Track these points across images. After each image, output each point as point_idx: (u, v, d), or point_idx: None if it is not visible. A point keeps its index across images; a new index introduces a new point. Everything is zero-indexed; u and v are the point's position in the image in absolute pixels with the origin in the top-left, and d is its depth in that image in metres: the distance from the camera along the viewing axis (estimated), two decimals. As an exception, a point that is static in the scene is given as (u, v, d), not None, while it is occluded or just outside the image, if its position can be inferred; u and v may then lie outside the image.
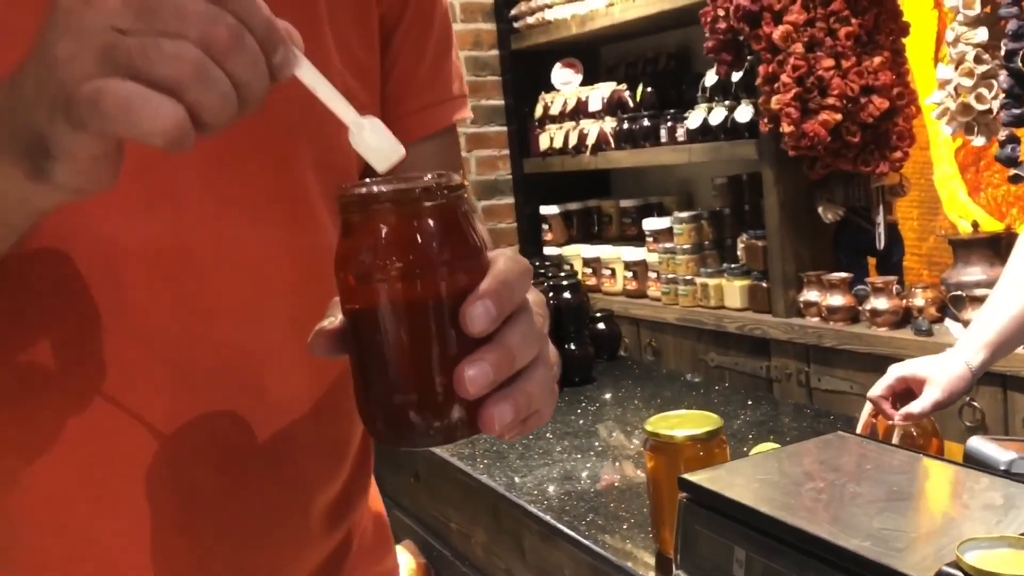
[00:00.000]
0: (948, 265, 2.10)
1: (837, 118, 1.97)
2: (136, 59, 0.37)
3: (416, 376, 0.46)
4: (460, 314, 0.44)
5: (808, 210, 2.22)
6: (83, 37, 0.37)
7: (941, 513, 0.80)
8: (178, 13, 0.37)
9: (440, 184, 0.46)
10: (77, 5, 0.38)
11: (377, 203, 0.46)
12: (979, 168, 2.05)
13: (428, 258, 0.45)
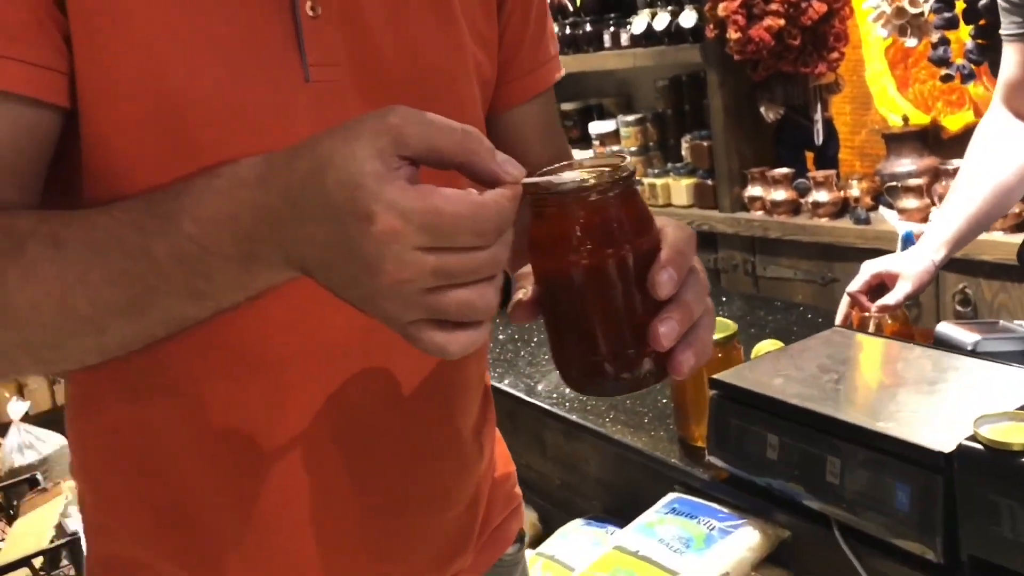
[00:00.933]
0: (880, 157, 2.27)
1: (780, 23, 2.08)
2: (439, 308, 0.47)
3: (612, 336, 0.55)
4: (648, 281, 0.53)
5: (750, 110, 2.36)
6: (404, 297, 0.46)
7: (938, 394, 0.96)
8: (454, 238, 0.46)
9: (621, 171, 0.54)
10: (388, 236, 0.45)
11: (574, 194, 0.53)
12: (907, 65, 2.21)
13: (616, 236, 0.54)
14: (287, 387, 0.65)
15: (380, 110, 0.47)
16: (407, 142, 0.46)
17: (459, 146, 0.48)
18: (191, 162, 0.57)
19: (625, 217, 0.55)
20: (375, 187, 0.45)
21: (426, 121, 0.47)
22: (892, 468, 0.87)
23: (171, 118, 0.58)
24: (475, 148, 0.48)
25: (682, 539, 1.04)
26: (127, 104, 0.57)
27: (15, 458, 2.54)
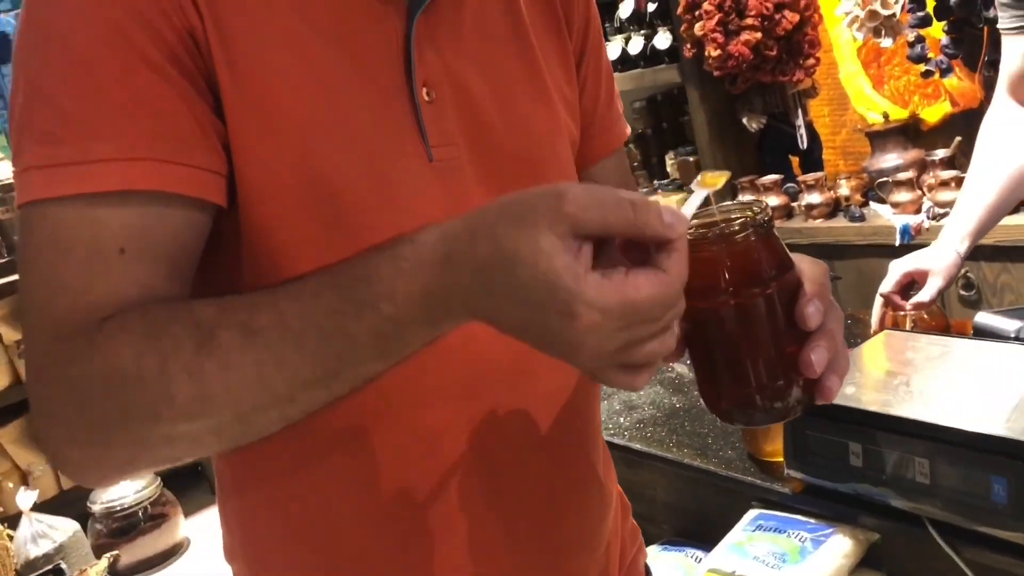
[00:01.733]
0: (862, 154, 2.35)
1: (757, 36, 2.15)
2: (629, 361, 0.52)
3: (762, 369, 0.59)
4: (797, 314, 0.58)
5: (732, 122, 2.42)
6: (599, 359, 0.52)
7: (1009, 383, 1.00)
8: (648, 320, 0.51)
9: (762, 215, 0.59)
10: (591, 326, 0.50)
11: (720, 239, 0.57)
12: (880, 64, 2.28)
13: (761, 275, 0.58)
14: (439, 441, 0.68)
15: (550, 192, 0.51)
16: (585, 228, 0.50)
17: (631, 224, 0.51)
18: (346, 241, 0.62)
19: (768, 257, 0.59)
20: (573, 286, 0.49)
21: (598, 204, 0.50)
22: (985, 463, 0.91)
23: (326, 204, 0.62)
24: (645, 220, 0.51)
25: (776, 554, 1.07)
26: (284, 195, 0.62)
27: (30, 549, 2.50)
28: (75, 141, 0.57)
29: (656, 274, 0.50)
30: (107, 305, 0.57)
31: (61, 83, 0.58)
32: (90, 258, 0.57)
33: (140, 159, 0.57)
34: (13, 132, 0.60)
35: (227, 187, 0.62)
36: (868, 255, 2.16)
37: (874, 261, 2.14)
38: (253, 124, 0.62)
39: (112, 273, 0.57)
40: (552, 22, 0.80)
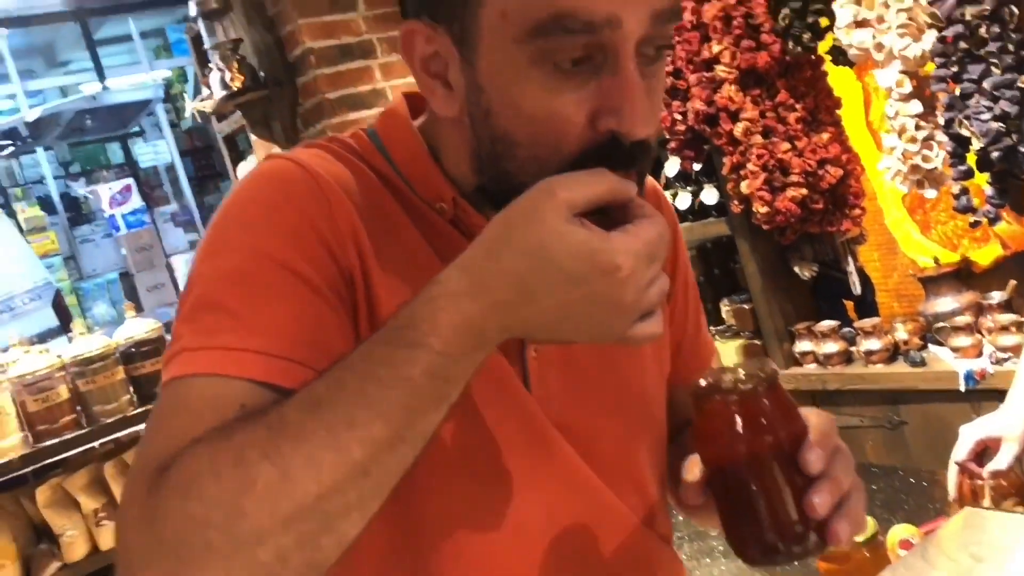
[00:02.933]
0: (916, 296, 2.38)
1: (803, 192, 2.22)
2: (650, 306, 0.61)
3: (779, 514, 0.64)
4: (800, 460, 0.63)
5: (784, 270, 2.47)
6: (632, 311, 0.61)
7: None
8: (659, 257, 0.61)
9: (768, 372, 0.65)
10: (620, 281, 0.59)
11: (731, 393, 0.65)
12: (926, 210, 2.34)
13: (770, 425, 0.64)
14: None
15: (540, 189, 0.60)
16: (576, 205, 0.59)
17: (608, 187, 0.61)
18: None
19: (775, 409, 0.66)
20: (606, 245, 0.58)
21: (582, 183, 0.60)
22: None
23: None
24: (616, 185, 0.61)
25: None
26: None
27: None
28: (234, 332, 0.63)
29: (648, 220, 0.61)
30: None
31: (230, 291, 0.65)
32: (206, 409, 0.61)
33: (287, 359, 0.63)
34: (175, 325, 0.66)
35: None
36: (933, 400, 2.16)
37: (940, 406, 2.14)
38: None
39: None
40: None
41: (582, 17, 0.62)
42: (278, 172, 0.70)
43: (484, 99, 0.68)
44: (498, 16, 0.65)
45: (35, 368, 2.57)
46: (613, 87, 0.65)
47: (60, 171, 9.94)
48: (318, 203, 0.68)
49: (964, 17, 1.86)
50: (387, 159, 0.76)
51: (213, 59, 3.02)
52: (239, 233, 0.68)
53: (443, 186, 0.74)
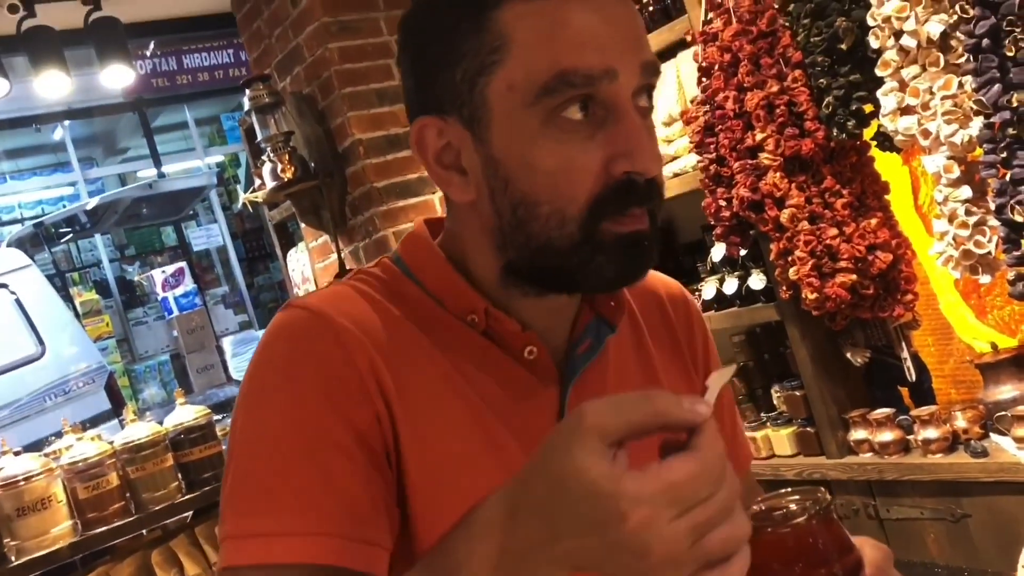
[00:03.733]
0: (974, 382, 2.31)
1: (852, 278, 2.19)
2: (707, 555, 0.53)
3: None
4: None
5: (835, 355, 2.43)
6: (675, 562, 0.53)
7: None
8: (697, 500, 0.53)
9: (821, 502, 0.64)
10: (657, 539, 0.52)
11: (783, 525, 0.63)
12: (980, 294, 2.30)
13: (824, 556, 0.63)
14: None
15: (573, 414, 0.55)
16: (609, 432, 0.53)
17: (652, 414, 0.54)
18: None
19: (829, 540, 0.65)
20: (612, 488, 0.52)
21: (616, 408, 0.54)
22: None
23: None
24: (664, 407, 0.55)
25: None
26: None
27: None
28: (267, 514, 0.66)
29: (688, 454, 0.53)
30: None
31: (264, 468, 0.68)
32: None
33: (322, 534, 0.65)
34: (221, 502, 0.70)
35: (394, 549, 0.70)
36: (997, 492, 2.08)
37: (1004, 499, 2.06)
38: (430, 487, 0.71)
39: None
40: (680, 366, 0.88)
41: (583, 71, 0.70)
42: (290, 326, 0.73)
43: (501, 170, 0.73)
44: (506, 89, 0.72)
45: (86, 455, 2.60)
46: (620, 133, 0.71)
47: (116, 254, 10.24)
48: (333, 350, 0.71)
49: (1011, 103, 1.85)
50: (415, 282, 0.79)
51: (265, 151, 3.11)
52: (261, 402, 0.71)
53: (473, 298, 0.77)
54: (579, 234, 0.72)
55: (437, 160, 0.76)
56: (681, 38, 2.46)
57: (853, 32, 2.08)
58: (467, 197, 0.76)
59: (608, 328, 0.82)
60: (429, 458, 0.71)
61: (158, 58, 7.93)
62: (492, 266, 0.77)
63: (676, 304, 0.92)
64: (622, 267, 0.75)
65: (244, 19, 3.54)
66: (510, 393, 0.76)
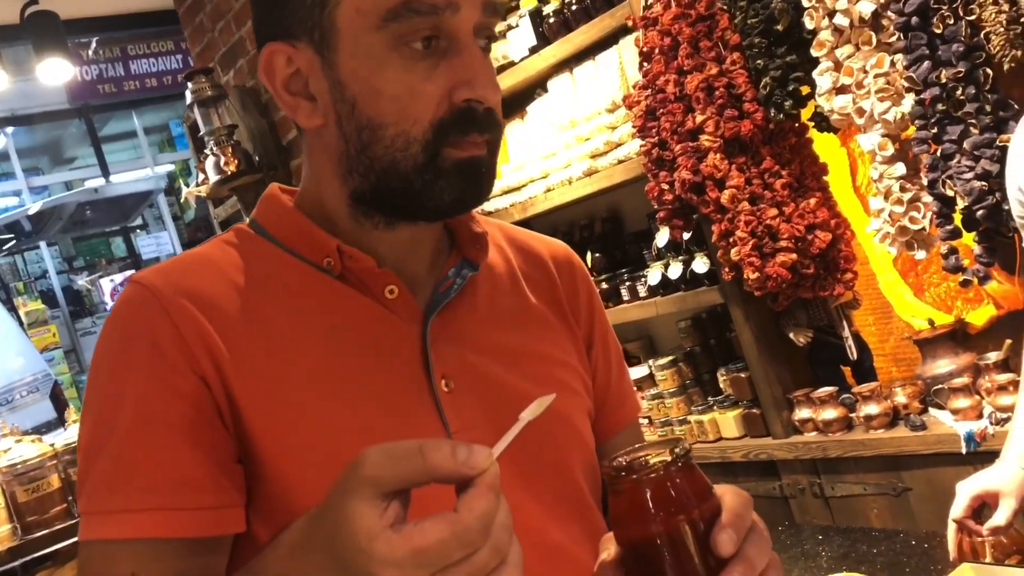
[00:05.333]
0: (913, 360, 2.35)
1: (793, 258, 2.22)
2: None
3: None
4: (711, 541, 0.62)
5: (779, 337, 2.45)
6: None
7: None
8: (450, 562, 0.53)
9: (680, 450, 0.65)
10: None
11: (643, 473, 0.64)
12: (918, 272, 2.34)
13: (682, 505, 0.63)
14: None
15: (355, 461, 0.56)
16: (384, 484, 0.54)
17: (423, 470, 0.55)
18: None
19: (687, 488, 0.65)
20: (367, 547, 0.53)
21: (390, 459, 0.55)
22: None
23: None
24: (435, 463, 0.55)
25: None
26: (307, 498, 0.69)
27: None
28: (111, 492, 0.71)
29: (444, 517, 0.53)
30: None
31: (103, 447, 0.72)
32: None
33: (162, 509, 0.70)
34: (77, 486, 0.75)
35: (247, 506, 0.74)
36: (936, 464, 2.12)
37: (943, 470, 2.09)
38: (277, 438, 0.73)
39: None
40: (558, 310, 0.90)
41: (428, 0, 0.73)
42: (123, 305, 0.78)
43: (348, 93, 0.76)
44: (353, 12, 0.75)
45: (26, 457, 2.53)
46: (461, 64, 0.76)
47: (63, 265, 10.04)
48: (159, 324, 0.74)
49: (940, 80, 1.89)
50: (269, 239, 0.82)
51: (208, 145, 3.07)
52: (98, 382, 0.75)
53: (324, 238, 0.79)
54: (422, 156, 0.76)
55: (285, 87, 0.79)
56: (622, 24, 2.48)
57: (788, 13, 2.12)
58: (315, 122, 0.79)
59: (471, 267, 0.84)
60: (273, 412, 0.73)
61: (104, 63, 7.80)
62: (342, 197, 0.80)
63: (559, 263, 0.96)
64: (460, 191, 0.78)
65: (186, 13, 3.50)
66: (370, 333, 0.78)
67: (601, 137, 2.63)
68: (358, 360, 0.76)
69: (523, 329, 0.86)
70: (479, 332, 0.83)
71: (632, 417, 0.99)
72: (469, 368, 0.80)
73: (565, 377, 0.87)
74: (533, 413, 0.63)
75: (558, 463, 0.83)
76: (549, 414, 0.81)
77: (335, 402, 0.74)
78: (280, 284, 0.79)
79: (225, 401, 0.73)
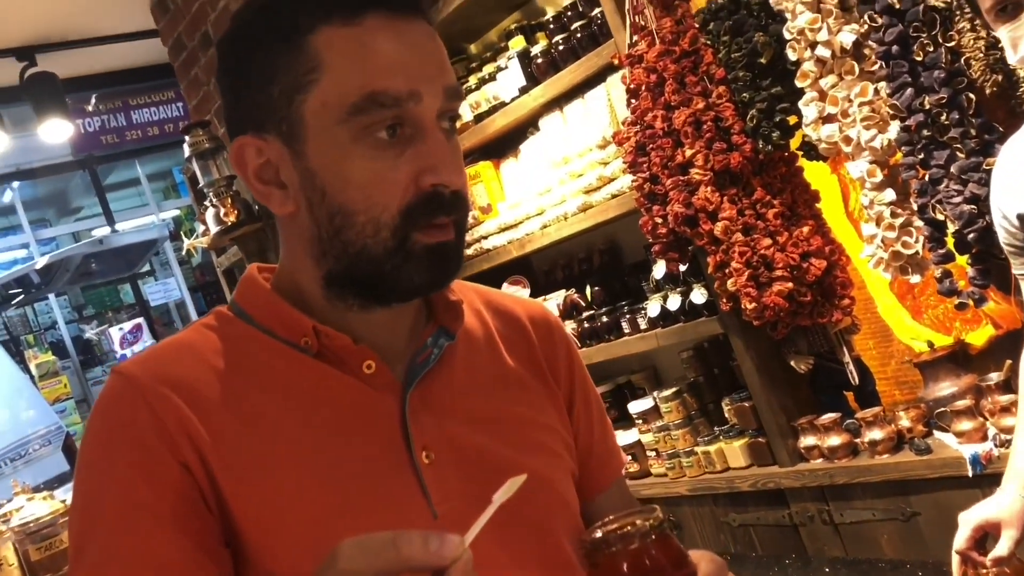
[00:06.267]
0: (916, 382, 2.35)
1: (789, 286, 2.23)
2: None
3: None
4: None
5: (780, 365, 2.45)
6: None
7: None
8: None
9: (654, 521, 0.66)
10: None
11: (618, 546, 0.65)
12: (915, 295, 2.34)
13: (663, 573, 0.65)
14: None
15: (329, 556, 0.58)
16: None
17: (397, 561, 0.57)
18: None
19: (663, 558, 0.67)
20: None
21: (363, 552, 0.57)
22: None
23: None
24: (408, 554, 0.57)
25: None
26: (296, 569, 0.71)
27: None
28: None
29: None
30: None
31: (87, 537, 0.74)
32: None
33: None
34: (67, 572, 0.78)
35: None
36: (942, 488, 2.11)
37: (950, 494, 2.09)
38: (260, 521, 0.75)
39: None
40: (537, 373, 0.91)
41: (391, 93, 0.76)
42: (105, 397, 0.80)
43: (318, 182, 0.78)
44: (320, 106, 0.77)
45: (37, 515, 2.54)
46: (425, 150, 0.78)
47: (73, 315, 10.10)
48: (140, 414, 0.76)
49: (924, 106, 1.91)
50: (247, 320, 0.84)
51: (208, 196, 3.10)
52: (82, 474, 0.78)
53: (300, 319, 0.81)
54: (392, 241, 0.78)
55: (257, 177, 0.82)
56: (609, 62, 2.50)
57: (771, 46, 2.14)
58: (287, 209, 0.81)
59: (447, 336, 0.85)
60: (257, 495, 0.75)
61: (106, 115, 7.89)
62: (316, 279, 0.82)
63: (536, 324, 0.97)
64: (429, 275, 0.80)
65: (181, 68, 3.55)
66: (350, 409, 0.80)
67: (594, 173, 2.66)
68: (338, 437, 0.78)
69: (502, 393, 0.88)
70: (458, 401, 0.84)
71: (617, 474, 0.99)
72: (449, 438, 0.81)
73: (546, 440, 0.88)
74: (505, 494, 0.65)
75: (541, 528, 0.84)
76: (531, 479, 0.82)
77: (316, 481, 0.76)
78: (259, 365, 0.81)
79: (208, 485, 0.74)
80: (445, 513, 0.78)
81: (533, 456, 0.86)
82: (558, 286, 3.12)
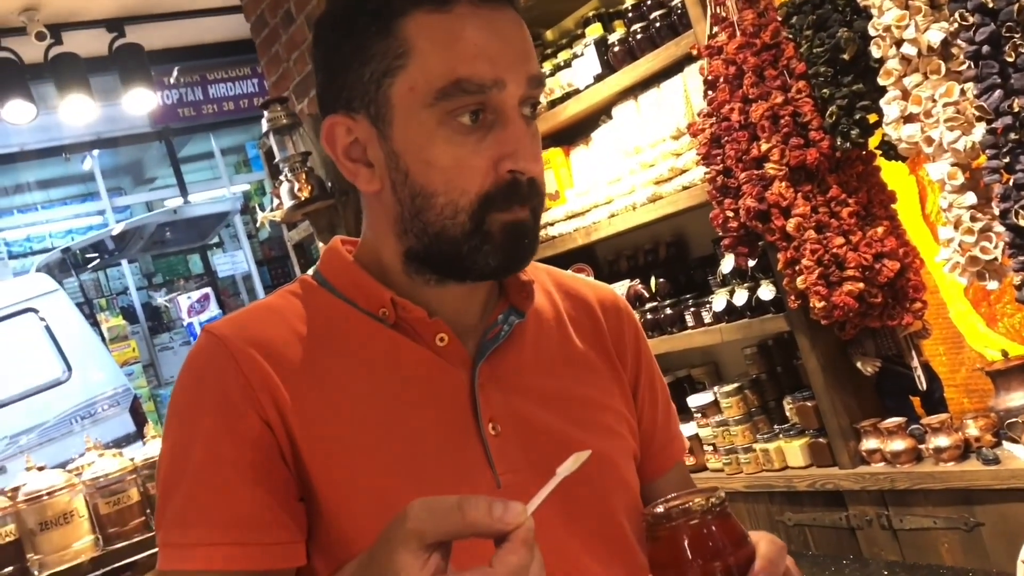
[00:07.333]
0: (986, 391, 2.30)
1: (860, 287, 2.20)
2: None
3: None
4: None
5: (846, 366, 2.43)
6: None
7: None
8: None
9: (716, 499, 0.67)
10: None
11: (680, 521, 0.67)
12: (990, 302, 2.29)
13: (718, 551, 0.66)
14: None
15: (400, 514, 0.60)
16: (426, 537, 0.58)
17: (462, 525, 0.59)
18: None
19: (723, 536, 0.68)
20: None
21: (431, 514, 0.59)
22: None
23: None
24: (473, 519, 0.59)
25: None
26: (361, 537, 0.75)
27: None
28: (183, 527, 0.76)
29: (481, 571, 0.57)
30: None
31: (176, 486, 0.78)
32: None
33: (226, 544, 0.75)
34: (155, 520, 0.82)
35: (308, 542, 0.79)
36: (1009, 500, 2.07)
37: (1017, 506, 2.05)
38: (334, 479, 0.78)
39: None
40: (604, 355, 0.93)
41: (476, 80, 0.78)
42: (196, 355, 0.84)
43: (402, 163, 0.81)
44: (407, 90, 0.80)
45: (108, 471, 2.64)
46: (506, 137, 0.80)
47: (143, 282, 10.38)
48: (228, 373, 0.80)
49: (1013, 108, 1.86)
50: (329, 289, 0.88)
51: (283, 171, 3.17)
52: (172, 425, 0.81)
53: (380, 290, 0.84)
54: (469, 224, 0.81)
55: (346, 155, 0.85)
56: (687, 52, 2.49)
57: (855, 42, 2.11)
58: (373, 187, 0.84)
59: (517, 315, 0.87)
60: (331, 454, 0.78)
61: (184, 88, 8.08)
62: (397, 254, 0.85)
63: (606, 308, 0.99)
64: (505, 257, 0.83)
65: (263, 44, 3.63)
66: (422, 379, 0.83)
67: (666, 163, 2.65)
68: (410, 404, 0.81)
69: (569, 373, 0.90)
70: (525, 377, 0.86)
71: (678, 457, 1.02)
72: (515, 412, 0.83)
73: (610, 421, 0.90)
74: (569, 468, 0.67)
75: (601, 505, 0.87)
76: (593, 458, 0.84)
77: (388, 445, 0.79)
78: (338, 333, 0.84)
79: (287, 443, 0.78)
80: (509, 483, 0.81)
81: (596, 436, 0.88)
82: (622, 276, 3.12)
